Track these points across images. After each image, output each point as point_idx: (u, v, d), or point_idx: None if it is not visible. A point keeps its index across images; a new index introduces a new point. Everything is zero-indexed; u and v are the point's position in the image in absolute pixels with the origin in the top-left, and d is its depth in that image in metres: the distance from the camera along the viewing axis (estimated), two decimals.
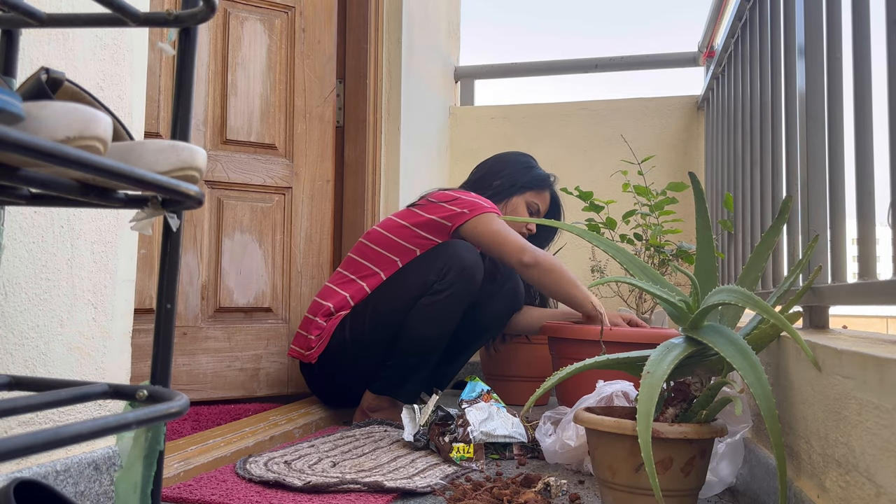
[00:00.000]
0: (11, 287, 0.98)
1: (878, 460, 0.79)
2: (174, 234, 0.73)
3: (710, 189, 2.65)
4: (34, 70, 0.87)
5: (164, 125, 1.88)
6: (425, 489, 1.30)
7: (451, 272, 1.88)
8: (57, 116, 0.52)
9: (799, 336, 1.02)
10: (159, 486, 0.72)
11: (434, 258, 1.93)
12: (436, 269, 1.90)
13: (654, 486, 1.00)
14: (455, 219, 1.99)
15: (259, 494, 1.25)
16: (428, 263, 1.92)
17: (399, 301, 1.90)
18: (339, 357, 1.91)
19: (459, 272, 1.88)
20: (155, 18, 0.73)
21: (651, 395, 1.06)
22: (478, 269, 1.91)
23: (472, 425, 1.59)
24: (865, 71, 1.07)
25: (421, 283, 1.90)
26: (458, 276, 1.88)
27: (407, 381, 1.91)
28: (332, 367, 1.93)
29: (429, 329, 1.88)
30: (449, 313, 1.89)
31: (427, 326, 1.88)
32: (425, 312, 1.88)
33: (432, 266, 1.91)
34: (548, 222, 1.40)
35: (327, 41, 2.27)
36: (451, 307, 1.89)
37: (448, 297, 1.88)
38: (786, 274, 1.41)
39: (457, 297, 1.88)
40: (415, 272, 1.93)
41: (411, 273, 1.93)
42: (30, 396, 0.60)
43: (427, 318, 1.88)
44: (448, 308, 1.89)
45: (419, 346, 1.89)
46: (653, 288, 1.27)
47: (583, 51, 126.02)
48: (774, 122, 1.57)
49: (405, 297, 1.90)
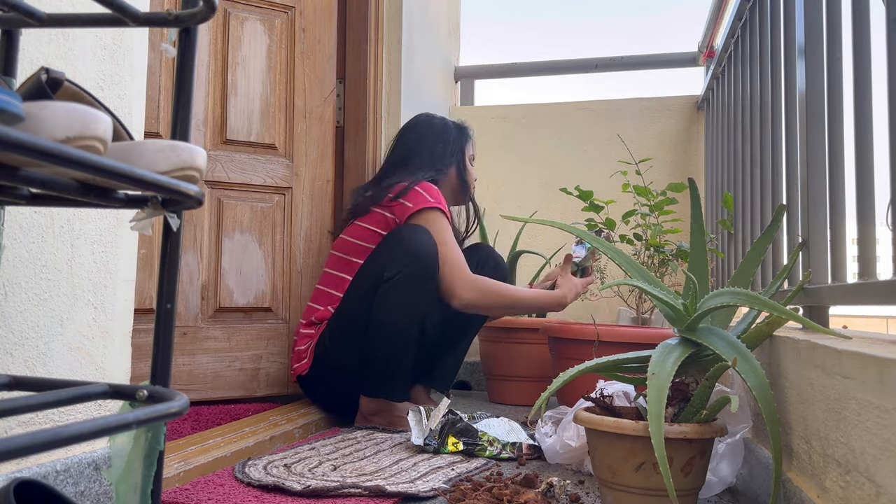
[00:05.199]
0: (11, 287, 0.98)
1: (878, 460, 0.79)
2: (174, 234, 0.73)
3: (710, 189, 2.65)
4: (34, 70, 0.87)
5: (164, 125, 1.88)
6: (428, 493, 1.28)
7: (398, 255, 1.85)
8: (57, 116, 0.52)
9: (819, 326, 1.02)
10: (159, 486, 0.72)
11: (383, 246, 1.92)
12: (384, 256, 1.88)
13: (668, 486, 1.01)
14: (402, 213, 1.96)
15: (258, 499, 1.24)
16: (377, 254, 1.92)
17: (362, 298, 1.89)
18: (327, 367, 1.91)
19: (405, 253, 1.84)
20: (155, 18, 0.73)
21: (660, 396, 1.07)
22: (425, 247, 1.85)
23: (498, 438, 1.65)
24: (865, 71, 1.07)
25: (375, 274, 1.88)
26: (405, 256, 1.84)
27: (391, 377, 1.87)
28: (324, 378, 1.93)
29: (390, 319, 1.84)
30: (408, 297, 1.84)
31: (388, 317, 1.84)
32: (384, 301, 1.85)
33: (382, 254, 1.89)
34: (548, 222, 1.41)
35: (327, 41, 2.27)
36: (407, 290, 1.84)
37: (400, 281, 1.83)
38: None
39: (409, 280, 1.84)
40: (368, 266, 1.92)
41: (366, 268, 1.93)
42: (30, 396, 0.60)
43: (385, 307, 1.85)
44: (405, 292, 1.84)
45: (388, 338, 1.84)
46: (652, 290, 1.27)
47: (583, 51, 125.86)
48: (774, 122, 1.57)
49: (366, 291, 1.88)
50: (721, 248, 2.24)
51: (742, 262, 1.37)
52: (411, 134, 2.20)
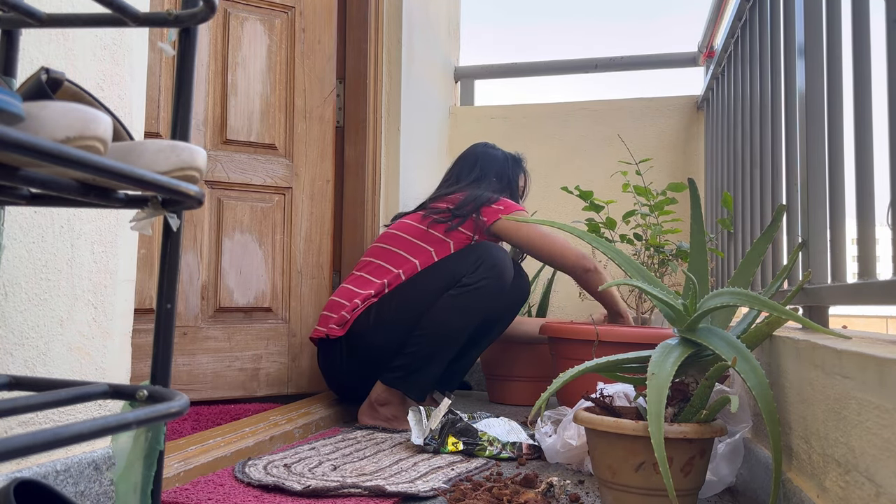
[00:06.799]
0: (11, 287, 0.98)
1: (878, 460, 0.79)
2: (174, 234, 0.73)
3: (710, 189, 2.65)
4: (34, 70, 0.87)
5: (164, 125, 1.88)
6: (428, 493, 1.29)
7: (483, 267, 1.92)
8: (57, 116, 0.52)
9: (819, 326, 1.02)
10: (159, 486, 0.72)
11: (467, 253, 1.98)
12: (468, 262, 1.95)
13: (668, 486, 1.01)
14: (490, 215, 2.05)
15: (258, 499, 1.24)
16: (460, 257, 1.97)
17: (427, 290, 1.94)
18: (359, 339, 1.93)
19: (490, 267, 1.92)
20: (155, 18, 0.73)
21: (660, 397, 1.07)
22: (508, 269, 1.96)
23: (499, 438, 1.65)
24: (865, 71, 1.07)
25: (451, 275, 1.94)
26: (489, 271, 1.92)
27: (420, 373, 1.91)
28: (349, 349, 1.95)
29: (451, 319, 1.90)
30: (474, 307, 1.92)
31: (450, 317, 1.90)
32: (451, 303, 1.91)
33: (465, 260, 1.96)
34: (549, 222, 1.42)
35: (327, 41, 2.27)
36: (477, 301, 1.91)
37: (475, 291, 1.91)
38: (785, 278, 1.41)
39: (484, 292, 1.91)
40: (446, 265, 1.97)
41: (443, 266, 1.98)
42: (30, 396, 0.60)
43: (452, 308, 1.91)
44: (474, 301, 1.91)
45: (438, 336, 1.90)
46: (652, 290, 1.27)
47: (583, 51, 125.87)
48: (774, 122, 1.57)
49: (433, 287, 1.94)
50: (721, 248, 2.24)
51: (742, 262, 1.38)
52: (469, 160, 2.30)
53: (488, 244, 2.00)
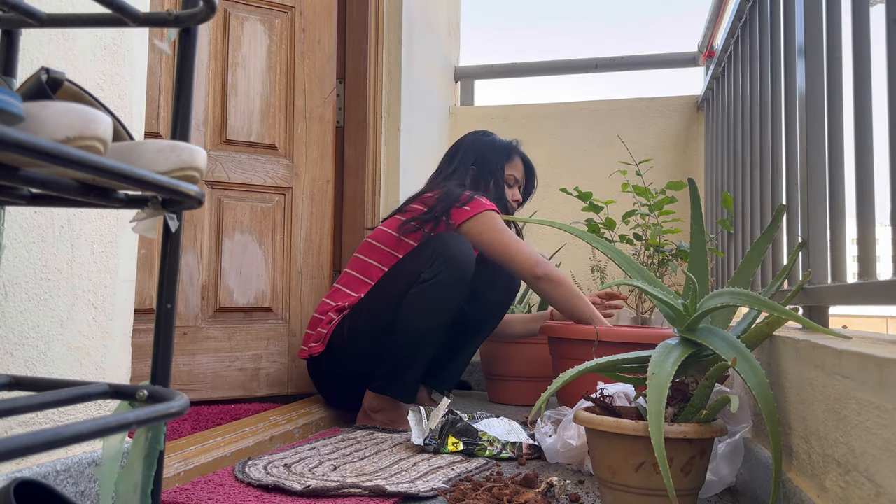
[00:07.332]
0: (11, 287, 0.98)
1: (878, 460, 0.79)
2: (174, 235, 0.73)
3: (710, 189, 2.65)
4: (34, 70, 0.87)
5: (164, 125, 1.88)
6: (428, 493, 1.28)
7: (439, 260, 1.86)
8: (57, 116, 0.52)
9: (819, 326, 1.02)
10: (159, 486, 0.72)
11: (424, 248, 1.92)
12: (424, 258, 1.89)
13: (668, 486, 1.01)
14: (458, 216, 2.00)
15: (258, 499, 1.24)
16: (417, 253, 1.92)
17: (393, 293, 1.89)
18: (340, 353, 1.91)
19: (447, 260, 1.86)
20: (155, 18, 0.73)
21: (660, 397, 1.07)
22: (466, 258, 1.88)
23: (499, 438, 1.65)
24: (865, 71, 1.07)
25: (411, 274, 1.89)
26: (446, 263, 1.85)
27: (403, 376, 1.88)
28: (334, 364, 1.93)
29: (418, 320, 1.85)
30: (438, 303, 1.86)
31: (417, 317, 1.85)
32: (414, 303, 1.86)
33: (421, 256, 1.90)
34: (548, 223, 1.41)
35: (327, 41, 2.27)
36: (439, 297, 1.85)
37: (435, 286, 1.85)
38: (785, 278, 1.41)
39: (445, 286, 1.85)
40: (407, 263, 1.93)
41: (402, 266, 1.93)
42: (30, 396, 0.60)
43: (416, 308, 1.85)
44: (436, 298, 1.85)
45: (410, 338, 1.86)
46: (652, 290, 1.27)
47: (583, 51, 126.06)
48: (774, 122, 1.57)
49: (398, 288, 1.89)
50: (721, 248, 2.24)
51: (742, 262, 1.38)
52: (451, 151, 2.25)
53: (444, 236, 1.92)
